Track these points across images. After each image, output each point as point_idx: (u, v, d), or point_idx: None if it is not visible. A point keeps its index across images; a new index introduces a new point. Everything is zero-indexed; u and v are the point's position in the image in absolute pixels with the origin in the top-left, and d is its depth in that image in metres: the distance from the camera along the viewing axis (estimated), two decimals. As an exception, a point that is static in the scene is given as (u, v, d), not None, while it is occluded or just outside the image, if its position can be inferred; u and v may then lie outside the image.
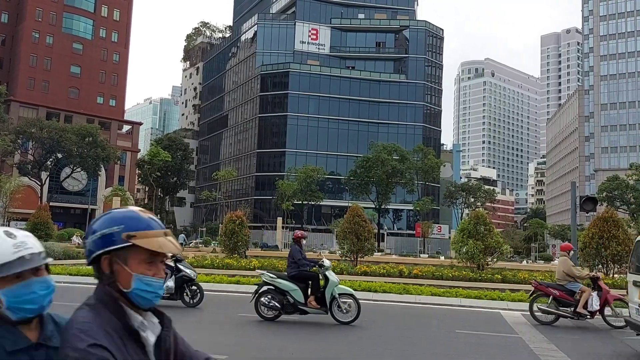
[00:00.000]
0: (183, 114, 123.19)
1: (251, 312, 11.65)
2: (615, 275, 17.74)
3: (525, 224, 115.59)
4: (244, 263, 19.24)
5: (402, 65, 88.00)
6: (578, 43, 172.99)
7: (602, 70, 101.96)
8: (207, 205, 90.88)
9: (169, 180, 79.79)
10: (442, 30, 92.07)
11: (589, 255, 17.82)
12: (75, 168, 62.18)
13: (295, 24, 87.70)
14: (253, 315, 11.09)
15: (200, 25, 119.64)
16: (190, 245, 51.81)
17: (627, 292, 9.84)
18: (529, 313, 12.80)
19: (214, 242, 45.43)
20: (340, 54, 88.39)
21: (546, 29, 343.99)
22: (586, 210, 14.87)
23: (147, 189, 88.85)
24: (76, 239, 37.46)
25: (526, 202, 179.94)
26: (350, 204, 25.21)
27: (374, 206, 66.09)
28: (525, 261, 48.48)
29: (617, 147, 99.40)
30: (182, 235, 54.08)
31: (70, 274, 16.85)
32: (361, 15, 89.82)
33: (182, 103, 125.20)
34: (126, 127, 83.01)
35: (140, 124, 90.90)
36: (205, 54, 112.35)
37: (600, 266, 17.92)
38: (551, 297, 11.30)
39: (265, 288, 10.25)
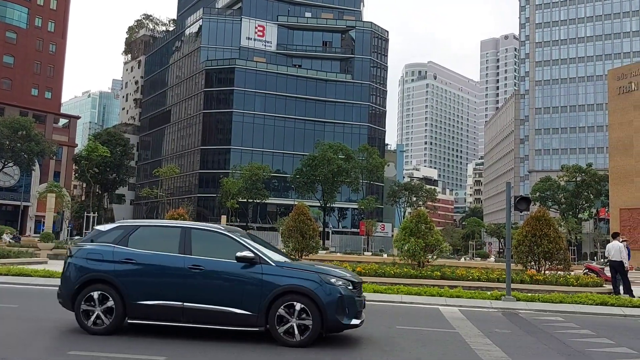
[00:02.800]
0: (123, 108, 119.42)
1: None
2: (547, 272, 18.62)
3: (463, 223, 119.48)
4: (186, 262, 18.88)
5: (348, 65, 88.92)
6: (515, 49, 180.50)
7: (537, 76, 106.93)
8: (147, 203, 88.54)
9: (108, 176, 77.19)
10: (387, 32, 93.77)
11: (522, 252, 18.60)
12: (7, 163, 59.08)
13: (241, 20, 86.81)
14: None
15: (143, 18, 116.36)
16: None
17: None
18: (466, 308, 13.25)
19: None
20: (287, 51, 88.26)
21: (486, 35, 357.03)
22: (520, 209, 15.48)
23: (84, 186, 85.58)
24: (6, 237, 35.62)
25: (465, 202, 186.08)
26: (295, 203, 25.24)
27: (319, 204, 66.48)
28: (463, 258, 50.13)
29: (549, 149, 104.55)
30: None
31: (0, 274, 16.00)
32: (308, 14, 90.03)
33: (123, 97, 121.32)
34: (63, 121, 79.59)
35: (78, 117, 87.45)
36: (148, 47, 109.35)
37: (532, 263, 18.77)
38: None
39: None
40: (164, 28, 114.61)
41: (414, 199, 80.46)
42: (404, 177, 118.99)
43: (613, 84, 32.13)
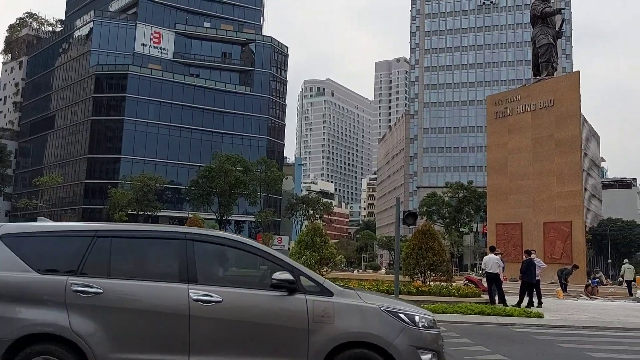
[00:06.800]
0: (1, 112, 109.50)
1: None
2: (432, 283, 19.74)
3: (357, 235, 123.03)
4: (69, 279, 17.61)
5: (247, 78, 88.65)
6: (406, 72, 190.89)
7: (425, 98, 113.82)
8: (25, 215, 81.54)
9: (-21, 185, 70.23)
10: (287, 47, 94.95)
11: (410, 264, 19.57)
12: None
13: (136, 25, 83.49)
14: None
15: (27, 16, 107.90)
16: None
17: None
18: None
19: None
20: (184, 60, 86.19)
21: (381, 56, 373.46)
22: (408, 224, 16.36)
23: (-51, 195, 77.01)
24: None
25: (359, 215, 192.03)
26: (190, 215, 24.62)
27: (215, 217, 65.25)
28: (356, 270, 51.59)
29: (436, 167, 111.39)
30: None
31: None
32: (207, 24, 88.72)
33: (0, 99, 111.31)
34: None
35: (-56, 119, 78.83)
36: (31, 47, 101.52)
37: (419, 274, 19.80)
38: None
39: None
40: (50, 28, 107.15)
41: (311, 212, 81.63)
42: (301, 190, 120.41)
43: (491, 108, 35.01)
